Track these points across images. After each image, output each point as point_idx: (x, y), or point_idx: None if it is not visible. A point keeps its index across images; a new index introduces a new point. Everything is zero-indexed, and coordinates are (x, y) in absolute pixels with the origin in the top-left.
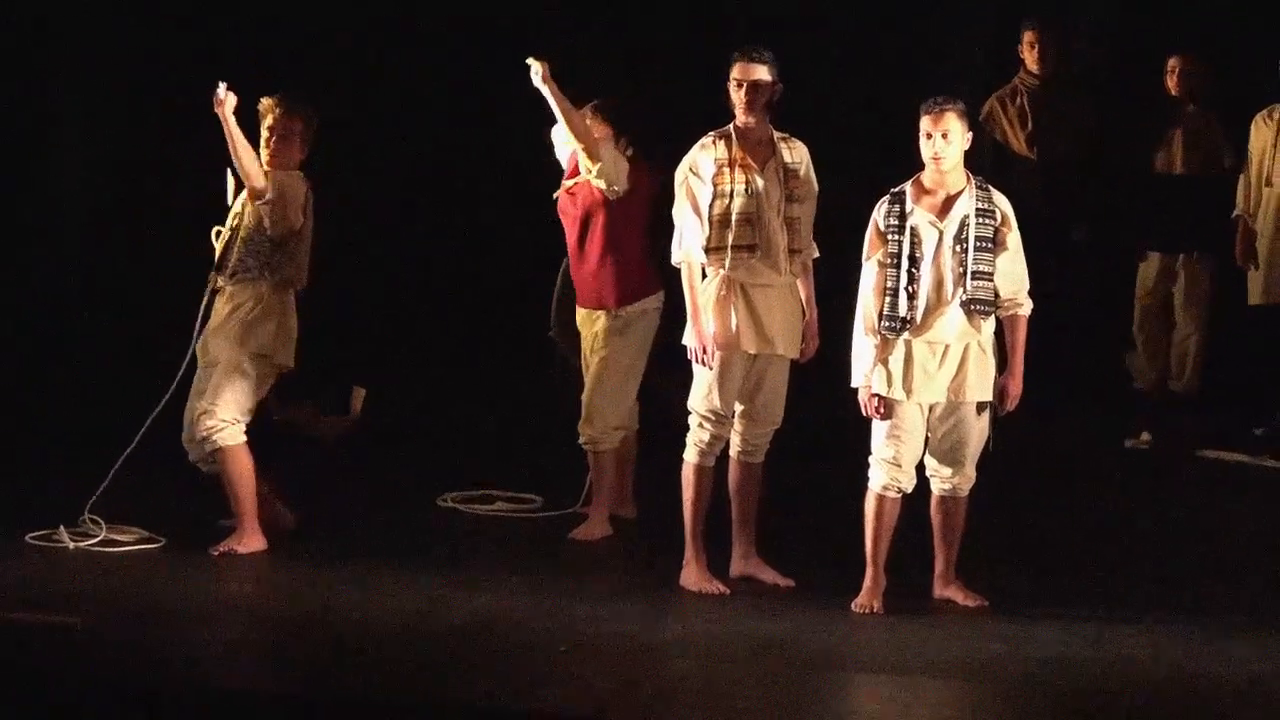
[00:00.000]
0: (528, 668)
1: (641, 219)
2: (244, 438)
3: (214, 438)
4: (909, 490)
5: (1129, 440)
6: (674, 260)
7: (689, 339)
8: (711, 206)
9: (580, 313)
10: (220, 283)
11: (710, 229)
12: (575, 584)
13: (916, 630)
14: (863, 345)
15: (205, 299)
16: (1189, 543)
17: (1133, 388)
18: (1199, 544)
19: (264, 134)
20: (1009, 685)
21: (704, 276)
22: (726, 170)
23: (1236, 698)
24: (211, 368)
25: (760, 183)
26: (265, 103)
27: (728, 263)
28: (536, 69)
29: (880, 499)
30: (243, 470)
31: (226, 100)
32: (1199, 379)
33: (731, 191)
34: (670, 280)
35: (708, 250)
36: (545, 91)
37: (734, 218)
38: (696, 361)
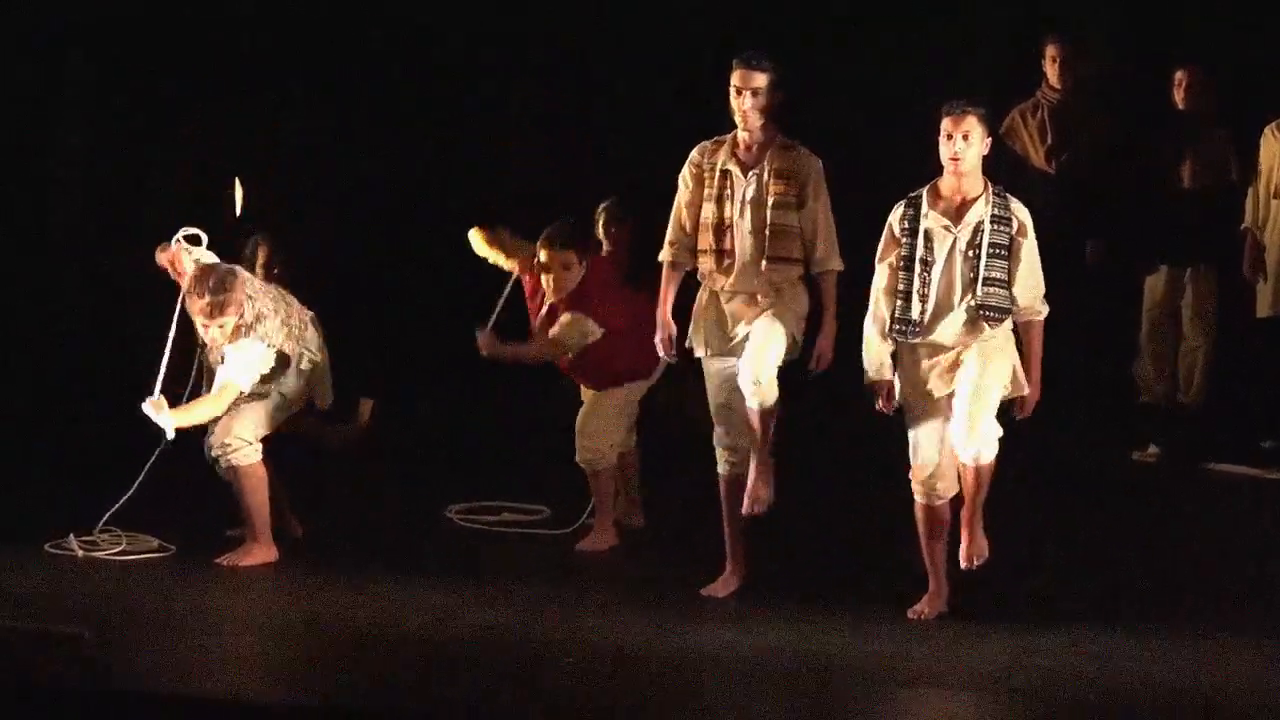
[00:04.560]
0: (533, 679)
1: (618, 317)
2: (259, 458)
3: (229, 457)
4: (949, 495)
5: (1136, 453)
6: (660, 258)
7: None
8: (701, 211)
9: None
10: None
11: (695, 233)
12: (581, 595)
13: (920, 641)
14: (872, 341)
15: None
16: (1196, 556)
17: (1140, 400)
18: (1206, 557)
19: (200, 324)
20: (1015, 697)
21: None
22: (707, 176)
23: (1244, 711)
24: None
25: (739, 190)
26: (192, 302)
27: (700, 267)
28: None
29: (923, 508)
30: (258, 489)
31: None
32: (1207, 392)
33: (704, 197)
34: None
35: (697, 252)
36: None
37: (704, 223)
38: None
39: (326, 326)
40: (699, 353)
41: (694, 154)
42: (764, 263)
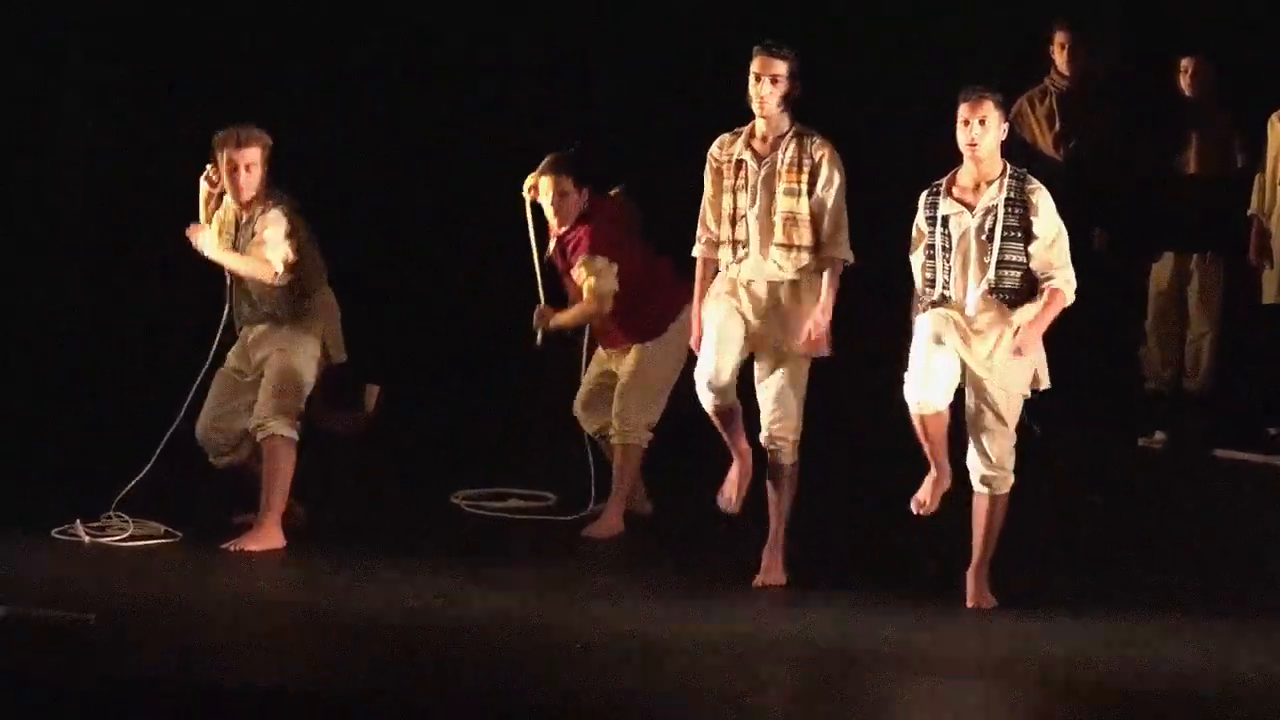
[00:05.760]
0: (542, 665)
1: (636, 257)
2: (297, 437)
3: (269, 425)
4: (943, 405)
5: (1143, 439)
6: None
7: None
8: (721, 201)
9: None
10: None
11: (717, 224)
12: (589, 581)
13: (930, 628)
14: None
15: (222, 326)
16: (1202, 542)
17: (1146, 387)
18: (1212, 543)
19: (226, 171)
20: (1022, 683)
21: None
22: (726, 167)
23: (1251, 696)
24: (240, 374)
25: (756, 179)
26: (218, 139)
27: (720, 258)
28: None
29: (917, 417)
30: (287, 466)
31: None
32: (1213, 378)
33: (724, 187)
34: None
35: (716, 243)
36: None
37: (725, 213)
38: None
39: None
40: (706, 329)
41: (713, 147)
42: (773, 249)
